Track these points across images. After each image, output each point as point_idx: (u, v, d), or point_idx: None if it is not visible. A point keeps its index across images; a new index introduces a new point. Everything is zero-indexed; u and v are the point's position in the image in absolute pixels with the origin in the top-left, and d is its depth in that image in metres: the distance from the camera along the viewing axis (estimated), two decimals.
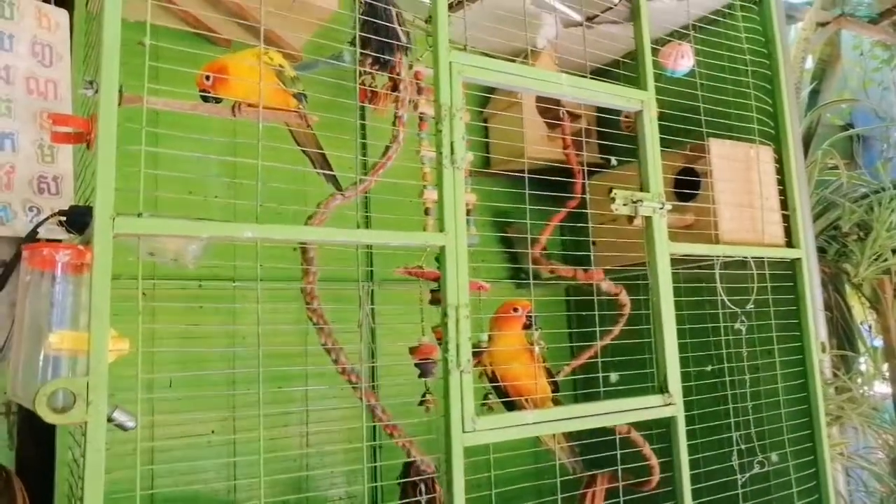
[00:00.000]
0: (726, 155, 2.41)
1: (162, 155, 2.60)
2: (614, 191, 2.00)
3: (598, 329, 2.15)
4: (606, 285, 2.42)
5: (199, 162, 2.63)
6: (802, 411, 2.42)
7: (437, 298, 2.29)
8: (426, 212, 2.38)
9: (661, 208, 2.08)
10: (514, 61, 2.04)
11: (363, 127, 3.05)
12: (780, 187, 2.56)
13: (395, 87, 2.91)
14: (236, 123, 2.60)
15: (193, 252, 1.75)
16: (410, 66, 2.27)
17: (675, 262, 2.20)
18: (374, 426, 2.91)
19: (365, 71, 2.74)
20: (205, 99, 1.67)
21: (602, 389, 1.92)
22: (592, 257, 2.95)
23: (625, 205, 2.01)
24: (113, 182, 1.29)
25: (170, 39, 2.61)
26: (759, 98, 2.54)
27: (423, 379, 2.23)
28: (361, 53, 2.29)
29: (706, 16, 2.75)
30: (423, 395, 2.17)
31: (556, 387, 1.97)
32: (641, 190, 2.10)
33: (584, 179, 2.79)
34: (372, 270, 3.01)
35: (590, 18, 3.08)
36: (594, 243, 2.95)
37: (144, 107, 1.38)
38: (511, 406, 1.93)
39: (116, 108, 1.32)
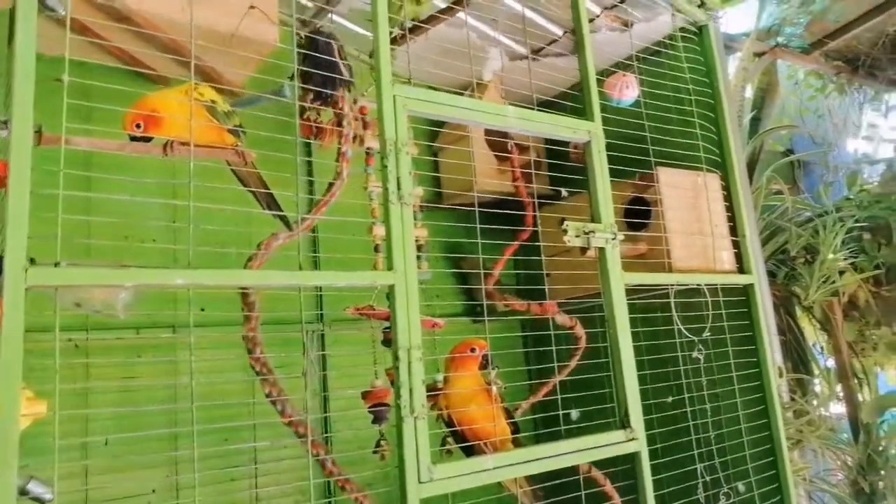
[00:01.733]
0: (675, 183, 2.41)
1: (96, 199, 2.49)
2: (566, 222, 1.96)
3: (555, 364, 2.10)
4: (561, 318, 2.37)
5: (135, 205, 2.51)
6: (764, 438, 2.40)
7: (390, 339, 2.21)
8: (376, 249, 2.30)
9: (614, 238, 2.05)
10: (460, 94, 2.00)
11: (309, 164, 2.99)
12: (729, 214, 2.56)
13: (339, 123, 2.85)
14: (175, 164, 2.49)
15: (124, 301, 1.63)
16: (354, 101, 2.22)
17: (630, 291, 2.17)
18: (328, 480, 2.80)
19: (308, 106, 2.69)
20: (133, 139, 1.58)
21: (563, 427, 1.85)
22: (546, 290, 2.93)
23: (577, 236, 1.97)
24: (25, 229, 1.18)
25: (104, 77, 2.51)
26: (703, 126, 2.56)
27: (377, 426, 2.13)
28: (303, 88, 2.23)
29: (649, 46, 2.78)
30: (378, 443, 2.07)
31: (515, 427, 1.90)
32: (593, 221, 2.07)
33: (534, 211, 2.77)
34: (322, 312, 2.91)
35: (535, 51, 3.09)
36: (548, 275, 2.92)
37: (63, 147, 1.27)
38: (470, 451, 1.84)
39: (30, 149, 1.22)
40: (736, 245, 2.55)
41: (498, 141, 3.17)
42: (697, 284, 2.35)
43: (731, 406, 2.39)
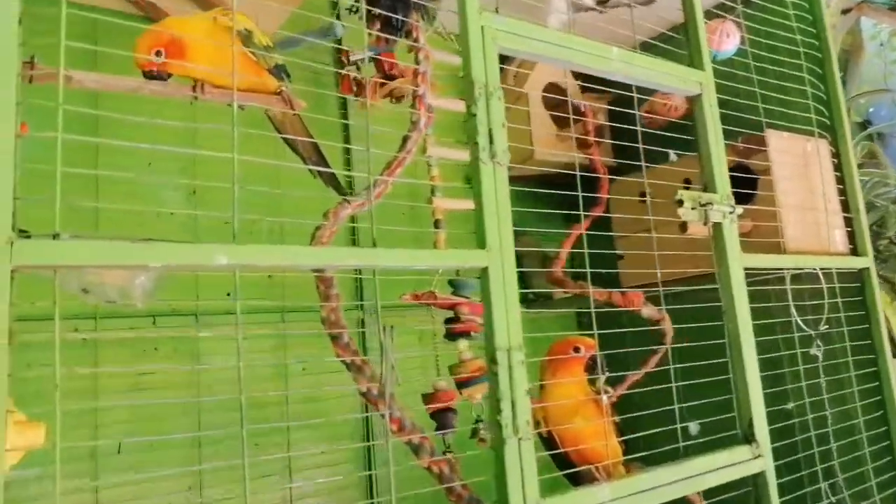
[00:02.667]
0: (785, 149, 2.04)
1: (102, 159, 2.15)
2: (680, 192, 1.60)
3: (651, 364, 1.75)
4: (648, 311, 2.01)
5: (149, 167, 2.16)
6: (884, 449, 2.05)
7: (454, 331, 1.87)
8: (436, 224, 1.95)
9: (732, 212, 1.69)
10: None
11: (345, 127, 2.63)
12: (840, 186, 2.20)
13: (387, 77, 2.48)
14: (195, 111, 2.14)
15: (143, 286, 1.29)
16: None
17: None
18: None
19: (350, 60, 2.32)
20: (149, 76, 1.22)
21: (681, 444, 1.50)
22: (619, 275, 2.57)
23: (693, 209, 1.61)
24: (10, 184, 0.83)
25: (112, 24, 2.16)
26: (812, 83, 2.18)
27: (441, 434, 1.79)
28: (368, 16, 1.86)
29: None
30: (474, 429, 1.75)
31: (626, 447, 1.54)
32: (706, 190, 1.71)
33: (609, 182, 2.41)
34: (361, 296, 2.56)
35: (601, 2, 2.71)
36: (620, 257, 2.56)
37: (61, 75, 0.92)
38: (575, 476, 1.49)
39: (15, 79, 0.87)
40: (848, 223, 2.18)
41: (558, 103, 2.80)
42: (813, 268, 1.99)
43: (845, 413, 2.04)
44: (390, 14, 1.52)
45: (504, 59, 1.56)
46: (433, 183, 1.92)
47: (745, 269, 1.70)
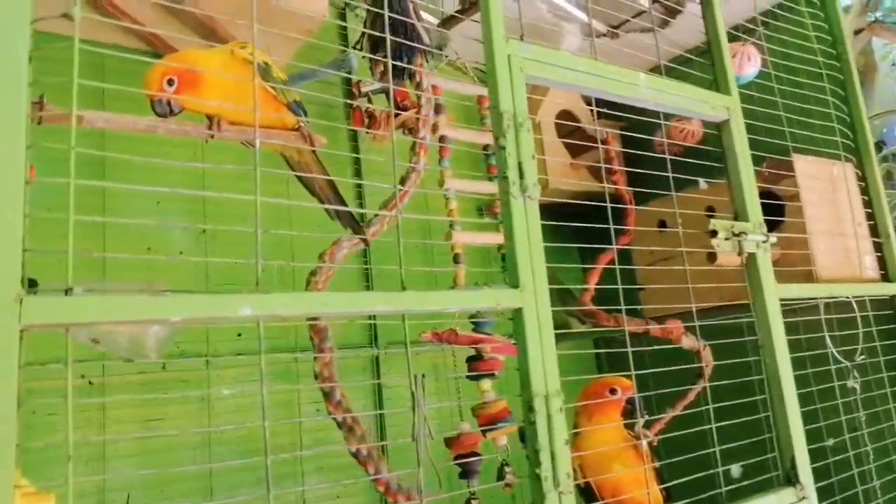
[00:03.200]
0: (812, 174, 1.99)
1: (109, 201, 2.09)
2: (713, 222, 1.53)
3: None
4: (689, 342, 1.93)
5: (157, 209, 2.10)
6: None
7: (478, 370, 1.79)
8: (455, 259, 1.89)
9: (765, 241, 1.63)
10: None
11: (356, 161, 2.58)
12: (868, 210, 2.13)
13: (399, 107, 2.44)
14: (203, 149, 2.09)
15: (157, 336, 1.22)
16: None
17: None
18: None
19: (361, 90, 2.27)
20: (160, 111, 1.16)
21: (723, 490, 1.41)
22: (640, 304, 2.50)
23: (727, 239, 1.55)
24: (19, 235, 0.77)
25: (120, 60, 2.12)
26: (835, 106, 2.13)
27: (466, 481, 1.71)
28: (371, 59, 1.83)
29: (757, 17, 2.35)
30: (501, 470, 1.67)
31: (667, 494, 1.46)
32: (736, 219, 1.65)
33: (633, 211, 2.35)
34: (375, 332, 2.49)
35: (614, 27, 2.68)
36: (642, 288, 2.49)
37: (74, 116, 0.86)
38: None
39: (25, 119, 0.81)
40: (878, 248, 2.11)
41: (571, 130, 2.76)
42: (846, 297, 1.92)
43: (883, 449, 1.95)
44: (394, 62, 1.46)
45: None
46: (451, 218, 1.87)
47: (785, 300, 1.63)
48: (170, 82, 1.15)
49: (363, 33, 1.77)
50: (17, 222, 0.77)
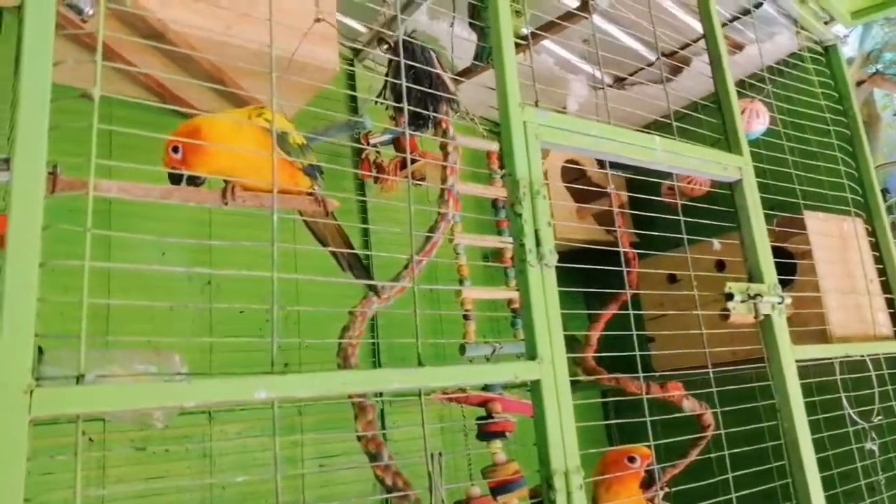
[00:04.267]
0: (823, 230, 1.97)
1: (115, 252, 2.07)
2: (729, 285, 1.51)
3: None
4: (690, 404, 1.90)
5: (163, 257, 2.08)
6: None
7: (488, 431, 1.75)
8: (465, 317, 1.86)
9: (781, 303, 1.60)
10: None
11: (363, 208, 2.57)
12: (879, 266, 2.12)
13: (404, 162, 2.44)
14: (209, 210, 2.08)
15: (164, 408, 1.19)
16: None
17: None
18: None
19: (370, 143, 2.28)
20: (175, 180, 1.14)
21: None
22: (647, 358, 2.47)
23: (742, 301, 1.53)
24: (31, 325, 0.75)
25: (130, 115, 2.12)
26: (843, 161, 2.13)
27: None
28: (396, 108, 1.82)
29: (758, 72, 2.37)
30: None
31: None
32: (751, 280, 1.63)
33: (636, 264, 2.34)
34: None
35: (620, 80, 2.70)
36: (651, 340, 2.46)
37: (91, 194, 0.84)
38: None
39: (41, 198, 0.79)
40: (890, 304, 2.09)
41: (576, 177, 2.76)
42: (861, 356, 1.89)
43: None
44: (419, 110, 1.46)
45: None
46: (461, 275, 1.85)
47: (802, 361, 1.60)
48: (174, 150, 1.14)
49: (385, 83, 1.77)
50: (30, 309, 0.75)
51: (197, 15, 1.70)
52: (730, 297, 1.51)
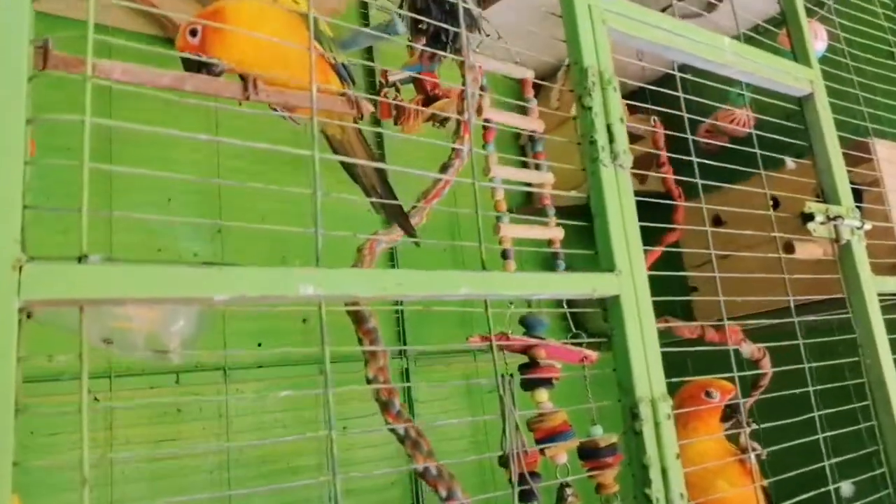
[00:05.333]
0: (892, 159, 1.81)
1: (116, 202, 1.90)
2: (809, 204, 1.35)
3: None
4: (748, 348, 1.73)
5: (169, 205, 1.91)
6: None
7: (533, 379, 1.60)
8: (503, 255, 1.70)
9: (860, 229, 1.44)
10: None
11: (381, 150, 2.40)
12: None
13: (427, 101, 2.26)
14: (219, 133, 1.91)
15: (181, 333, 1.02)
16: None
17: (822, 306, 1.57)
18: None
19: (389, 81, 2.11)
20: (190, 66, 0.97)
21: None
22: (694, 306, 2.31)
23: (822, 223, 1.36)
24: (20, 190, 0.58)
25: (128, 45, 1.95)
26: None
27: None
28: (413, 30, 1.65)
29: None
30: (560, 495, 1.46)
31: None
32: (826, 202, 1.46)
33: (683, 204, 2.17)
34: (404, 340, 2.29)
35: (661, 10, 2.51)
36: (694, 289, 2.30)
37: (88, 75, 0.67)
38: None
39: (26, 66, 0.62)
40: None
41: None
42: None
43: None
44: (440, 25, 1.29)
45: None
46: (499, 212, 1.68)
47: (885, 294, 1.44)
48: (192, 32, 0.97)
49: (401, 2, 1.59)
50: (16, 169, 0.59)
51: None
52: (809, 217, 1.35)
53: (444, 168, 1.49)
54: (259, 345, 1.98)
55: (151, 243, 1.89)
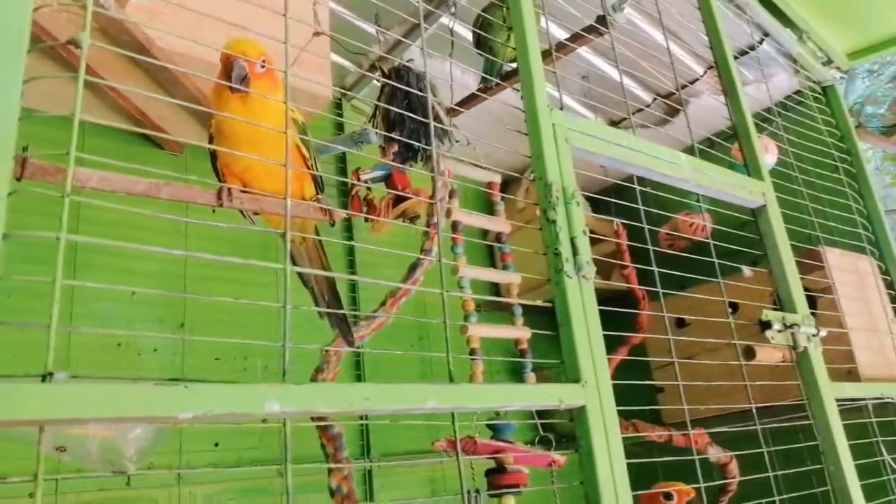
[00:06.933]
0: (842, 266, 1.89)
1: (78, 292, 1.87)
2: (766, 312, 1.39)
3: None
4: (715, 452, 1.75)
5: (132, 300, 1.88)
6: None
7: (500, 483, 1.57)
8: (471, 353, 1.70)
9: (816, 336, 1.49)
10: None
11: (350, 250, 2.42)
12: (894, 305, 2.03)
13: (397, 200, 2.32)
14: (187, 235, 1.90)
15: (138, 443, 1.00)
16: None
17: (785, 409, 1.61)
18: None
19: (361, 179, 2.16)
20: (236, 76, 0.98)
21: None
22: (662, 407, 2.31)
23: (780, 331, 1.40)
24: None
25: (101, 143, 1.97)
26: (853, 198, 2.08)
27: None
28: (386, 138, 1.71)
29: (773, 108, 2.34)
30: None
31: None
32: (783, 310, 1.51)
33: (646, 308, 2.21)
34: (368, 443, 2.24)
35: (615, 123, 2.65)
36: (660, 390, 2.32)
37: (71, 173, 0.69)
38: None
39: (8, 179, 0.64)
40: None
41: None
42: (889, 398, 1.77)
43: None
44: (410, 141, 1.35)
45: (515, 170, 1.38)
46: (466, 311, 1.70)
47: (842, 400, 1.47)
48: (263, 65, 1.01)
49: (376, 108, 1.66)
50: None
51: (185, 31, 1.59)
52: (767, 325, 1.39)
53: (413, 267, 1.52)
54: (216, 444, 1.91)
55: (110, 339, 1.85)
